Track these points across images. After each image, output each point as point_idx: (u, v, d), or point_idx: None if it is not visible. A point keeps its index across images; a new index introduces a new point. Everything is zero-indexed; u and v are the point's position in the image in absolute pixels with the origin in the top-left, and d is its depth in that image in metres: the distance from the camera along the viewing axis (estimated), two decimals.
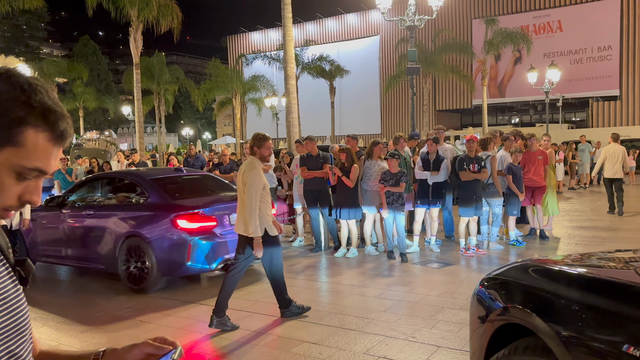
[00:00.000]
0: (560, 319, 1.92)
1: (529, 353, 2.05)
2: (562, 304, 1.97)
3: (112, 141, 21.02)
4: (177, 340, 1.07)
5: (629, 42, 31.93)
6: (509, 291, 2.28)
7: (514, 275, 2.36)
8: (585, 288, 2.00)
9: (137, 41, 19.86)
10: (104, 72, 56.67)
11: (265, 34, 46.96)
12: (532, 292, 2.16)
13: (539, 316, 1.97)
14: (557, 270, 2.25)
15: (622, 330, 1.70)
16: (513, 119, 41.29)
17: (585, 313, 1.85)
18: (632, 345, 1.60)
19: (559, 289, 2.05)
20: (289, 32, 13.40)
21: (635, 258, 2.57)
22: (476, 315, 2.53)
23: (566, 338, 1.83)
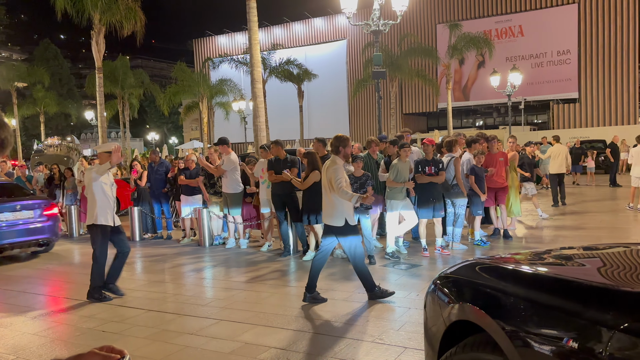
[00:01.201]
0: (506, 314, 1.96)
1: (479, 349, 2.08)
2: (508, 301, 2.02)
3: (75, 147, 20.43)
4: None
5: (586, 46, 33.04)
6: (459, 289, 2.33)
7: (464, 274, 2.41)
8: (528, 284, 2.06)
9: (99, 45, 19.42)
10: (66, 76, 55.29)
11: (232, 37, 46.67)
12: (480, 289, 2.20)
13: (487, 313, 2.02)
14: (504, 268, 2.31)
15: (562, 324, 1.75)
16: (477, 121, 42.13)
17: (529, 308, 1.90)
18: (571, 338, 1.67)
19: (505, 286, 2.10)
20: (255, 35, 13.35)
21: (579, 255, 2.66)
22: (429, 314, 2.58)
23: (512, 333, 1.88)
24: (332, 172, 5.47)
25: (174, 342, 4.55)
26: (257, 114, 13.51)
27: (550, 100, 34.77)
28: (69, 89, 54.28)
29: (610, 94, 32.69)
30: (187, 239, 10.06)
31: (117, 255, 6.43)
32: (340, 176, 5.43)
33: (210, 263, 8.13)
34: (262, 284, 6.61)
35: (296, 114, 34.64)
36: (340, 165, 5.59)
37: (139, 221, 10.57)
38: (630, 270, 2.30)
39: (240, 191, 9.09)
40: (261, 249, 8.77)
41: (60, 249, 10.17)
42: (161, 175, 10.46)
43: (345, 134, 5.94)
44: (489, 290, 2.15)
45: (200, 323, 5.07)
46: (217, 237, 9.64)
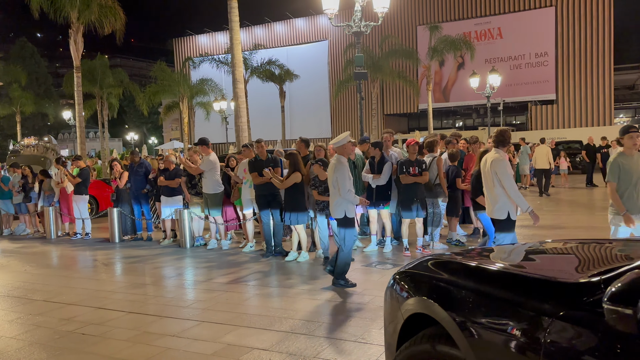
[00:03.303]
0: (457, 306, 2.08)
1: (434, 341, 2.19)
2: (460, 294, 2.14)
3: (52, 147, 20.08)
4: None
5: (563, 48, 33.64)
6: (415, 284, 2.44)
7: (421, 269, 2.52)
8: (477, 278, 2.18)
9: (77, 44, 19.14)
10: (43, 75, 54.31)
11: (213, 37, 46.38)
12: (434, 283, 2.32)
13: (440, 305, 2.14)
14: (456, 263, 2.44)
15: (507, 314, 1.88)
16: (457, 122, 42.61)
17: (478, 300, 2.03)
18: (514, 327, 1.81)
19: (457, 280, 2.22)
20: (237, 35, 13.29)
21: (534, 250, 2.80)
22: (388, 308, 2.68)
23: (462, 324, 2.00)
24: (500, 166, 5.52)
25: (156, 344, 4.51)
26: (238, 114, 13.45)
27: (529, 101, 35.32)
28: (46, 89, 53.32)
29: (587, 95, 33.34)
30: (167, 240, 9.97)
31: None
32: (509, 170, 5.60)
33: (191, 264, 8.08)
34: (244, 285, 6.59)
35: (278, 115, 34.59)
36: (507, 160, 5.74)
37: (119, 222, 10.44)
38: (571, 263, 2.45)
39: (221, 192, 9.05)
40: (243, 250, 8.74)
41: (38, 250, 10.00)
42: (141, 175, 10.34)
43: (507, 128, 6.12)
44: (442, 284, 2.27)
45: (182, 325, 5.04)
46: (199, 238, 9.58)
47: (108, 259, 8.82)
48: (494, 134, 5.81)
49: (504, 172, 5.43)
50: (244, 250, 8.73)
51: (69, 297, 6.32)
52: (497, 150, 5.65)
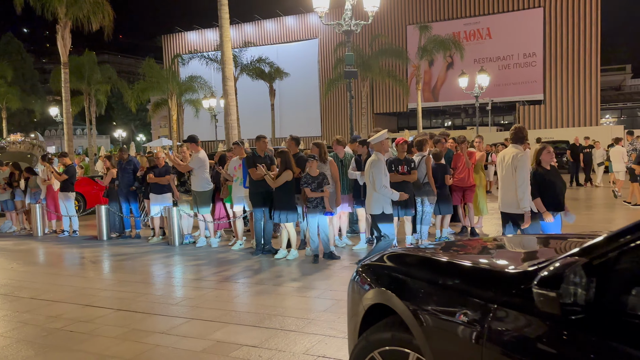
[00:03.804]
0: (412, 296, 2.25)
1: (392, 329, 2.35)
2: (414, 284, 2.31)
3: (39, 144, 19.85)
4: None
5: (551, 49, 33.96)
6: (376, 276, 2.58)
7: (381, 262, 2.67)
8: (430, 269, 2.36)
9: (65, 39, 18.95)
10: (30, 71, 53.64)
11: (202, 33, 46.15)
12: (392, 275, 2.48)
13: (397, 296, 2.30)
14: (412, 256, 2.61)
15: (455, 301, 2.04)
16: (446, 122, 42.87)
17: (430, 290, 2.20)
18: (461, 313, 1.97)
19: (412, 272, 2.39)
20: (226, 32, 13.25)
21: (487, 244, 2.99)
22: (351, 300, 2.82)
23: (416, 312, 2.16)
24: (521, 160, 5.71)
25: (144, 341, 4.51)
26: (228, 111, 13.41)
27: (517, 101, 35.61)
28: (33, 85, 52.67)
29: (574, 96, 33.69)
30: (156, 238, 9.92)
31: None
32: (529, 166, 5.79)
33: (180, 262, 8.05)
34: (233, 282, 6.59)
35: (268, 113, 34.52)
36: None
37: (106, 220, 10.37)
38: (518, 255, 2.62)
39: (210, 189, 9.02)
40: (232, 248, 8.73)
41: (24, 248, 9.91)
42: (129, 173, 10.28)
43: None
44: (399, 276, 2.43)
45: (170, 322, 5.03)
46: (187, 235, 9.55)
47: (96, 257, 8.77)
48: (512, 132, 5.93)
49: (523, 166, 5.59)
50: (233, 248, 8.72)
51: (56, 294, 6.28)
52: (515, 146, 5.80)
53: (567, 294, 1.58)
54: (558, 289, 1.59)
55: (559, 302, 1.59)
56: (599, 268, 1.60)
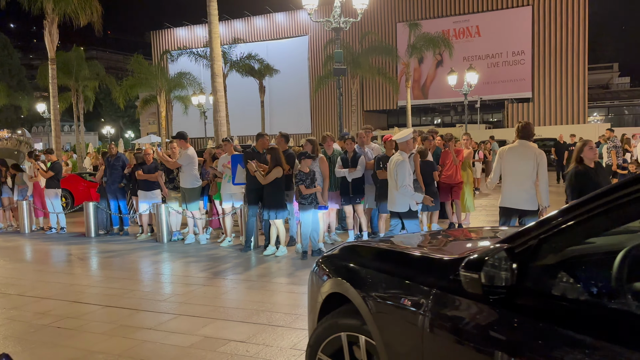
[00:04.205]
0: (363, 284, 2.42)
1: (346, 316, 2.52)
2: (365, 273, 2.48)
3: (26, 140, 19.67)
4: None
5: (539, 47, 34.23)
6: (334, 267, 2.75)
7: (339, 254, 2.84)
8: (378, 259, 2.55)
9: (52, 35, 18.77)
10: (16, 67, 52.96)
11: (192, 30, 45.90)
12: (347, 265, 2.64)
13: (351, 284, 2.48)
14: (365, 247, 2.78)
15: (401, 287, 2.22)
16: (435, 119, 43.03)
17: (378, 278, 2.38)
18: (406, 298, 2.16)
19: (364, 261, 2.58)
20: (215, 29, 13.21)
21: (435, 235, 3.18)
22: (311, 290, 2.99)
23: (366, 298, 2.33)
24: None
25: (132, 337, 4.52)
26: (217, 108, 13.39)
27: (505, 99, 35.86)
28: (20, 81, 52.01)
29: (562, 94, 34.00)
30: (144, 234, 9.90)
31: None
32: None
33: (168, 259, 8.05)
34: (222, 278, 6.61)
35: (257, 109, 34.43)
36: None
37: (94, 217, 10.33)
38: (460, 245, 2.78)
39: (198, 186, 9.02)
40: (221, 245, 8.74)
41: (11, 245, 9.85)
42: (118, 169, 10.23)
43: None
44: (353, 266, 2.61)
45: (158, 318, 5.04)
46: (176, 232, 9.54)
47: (83, 254, 8.74)
48: (520, 129, 5.87)
49: (545, 163, 5.64)
50: (222, 244, 8.74)
51: (43, 291, 6.26)
52: (522, 142, 5.80)
53: (487, 276, 1.75)
54: (479, 271, 1.76)
55: (480, 283, 1.76)
56: (521, 254, 1.76)
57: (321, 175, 7.74)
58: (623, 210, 1.57)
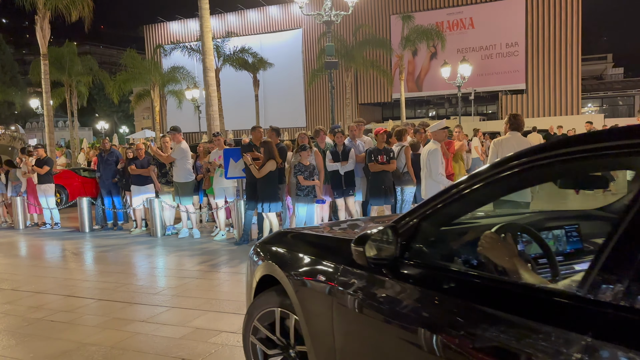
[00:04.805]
0: (289, 265, 2.70)
1: (275, 295, 2.80)
2: (291, 255, 2.76)
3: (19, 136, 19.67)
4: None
5: (533, 39, 34.26)
6: (266, 251, 3.02)
7: (271, 240, 3.13)
8: (301, 242, 2.84)
9: (44, 30, 18.66)
10: (9, 62, 52.73)
11: (185, 24, 45.68)
12: (278, 250, 2.92)
13: (279, 266, 2.75)
14: (293, 233, 3.05)
15: (318, 266, 2.49)
16: (430, 112, 43.05)
17: (302, 260, 2.65)
18: (321, 275, 2.43)
19: (291, 246, 2.85)
20: (207, 23, 13.19)
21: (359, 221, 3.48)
22: (247, 274, 3.28)
23: (290, 277, 2.62)
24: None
25: (125, 330, 4.58)
26: (209, 102, 13.39)
27: (499, 91, 35.90)
28: (12, 76, 51.79)
29: (556, 85, 34.08)
30: (138, 229, 9.95)
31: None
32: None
33: (162, 253, 8.11)
34: (215, 272, 6.67)
35: (252, 103, 34.38)
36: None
37: (88, 212, 10.36)
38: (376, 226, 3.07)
39: (192, 180, 9.06)
40: (215, 238, 8.80)
41: (5, 240, 9.88)
42: (111, 164, 10.26)
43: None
44: (282, 250, 2.88)
45: (151, 311, 5.11)
46: (170, 227, 9.59)
47: (77, 248, 8.79)
48: (511, 120, 5.96)
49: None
50: (216, 238, 8.79)
51: (37, 285, 6.32)
52: (513, 134, 5.90)
53: (370, 249, 2.06)
54: (364, 245, 2.07)
55: (365, 256, 2.07)
56: (405, 232, 2.06)
57: (317, 168, 7.81)
58: (477, 195, 1.94)
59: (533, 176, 1.84)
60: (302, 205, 7.54)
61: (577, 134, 1.74)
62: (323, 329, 2.38)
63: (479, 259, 2.05)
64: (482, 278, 1.83)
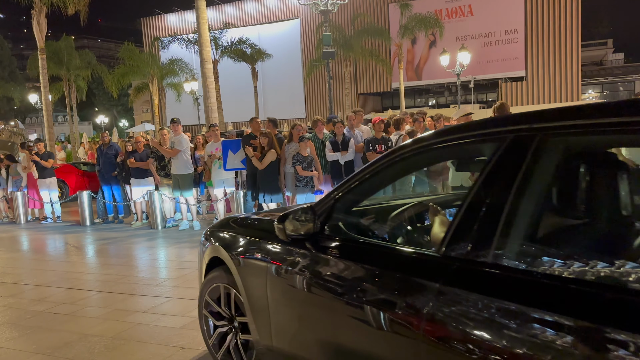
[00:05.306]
0: (232, 246, 2.99)
1: (222, 273, 3.10)
2: (234, 238, 3.04)
3: (19, 132, 19.71)
4: None
5: (532, 25, 34.07)
6: (214, 236, 3.28)
7: (219, 225, 3.38)
8: (245, 226, 3.12)
9: (41, 24, 18.63)
10: (7, 57, 52.63)
11: (182, 15, 45.46)
12: (224, 233, 3.19)
13: (224, 248, 3.04)
14: (238, 218, 3.36)
15: (255, 246, 2.79)
16: (430, 100, 42.93)
17: (243, 241, 2.93)
18: (258, 253, 2.73)
19: (236, 229, 3.12)
20: (203, 14, 13.17)
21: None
22: (199, 257, 3.56)
23: (233, 257, 2.92)
24: None
25: (126, 320, 4.64)
26: (207, 94, 13.41)
27: (499, 78, 35.77)
28: (11, 71, 51.74)
29: (555, 72, 33.95)
30: (138, 222, 10.00)
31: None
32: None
33: (163, 245, 8.16)
34: None
35: (251, 95, 34.33)
36: None
37: (89, 206, 10.41)
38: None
39: (192, 172, 9.09)
40: None
41: (7, 235, 9.94)
42: (110, 158, 10.29)
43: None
44: (228, 233, 3.15)
45: (152, 302, 5.16)
46: (170, 219, 9.63)
47: (79, 242, 8.84)
48: (497, 109, 6.05)
49: None
50: None
51: (39, 279, 6.37)
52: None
53: (289, 226, 2.37)
54: (283, 222, 2.39)
55: (285, 232, 2.40)
56: (323, 211, 2.35)
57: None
58: (378, 179, 2.32)
59: (417, 161, 2.30)
60: (301, 196, 7.57)
61: (453, 125, 2.31)
62: (259, 301, 2.68)
63: (380, 232, 2.51)
64: (380, 246, 2.25)
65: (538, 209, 1.62)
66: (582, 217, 1.73)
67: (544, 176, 1.60)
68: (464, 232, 1.66)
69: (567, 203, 1.72)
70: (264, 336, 2.70)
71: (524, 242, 1.58)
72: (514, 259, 1.54)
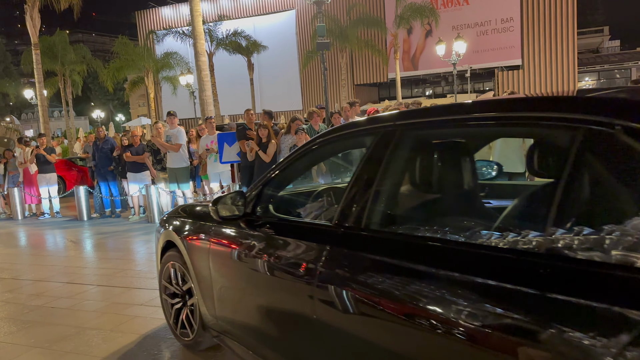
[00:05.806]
0: (182, 230, 3.34)
1: (173, 255, 3.47)
2: (184, 222, 3.38)
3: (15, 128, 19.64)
4: None
5: (528, 13, 33.96)
6: (167, 222, 3.62)
7: (174, 212, 3.72)
8: (193, 212, 3.41)
9: (34, 19, 18.53)
10: (2, 53, 52.37)
11: (177, 8, 45.18)
12: (176, 219, 3.52)
13: (175, 232, 3.39)
14: (190, 205, 3.66)
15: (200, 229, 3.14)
16: (427, 90, 42.87)
17: (191, 225, 3.27)
18: (202, 234, 3.10)
19: (186, 215, 3.45)
20: (197, 7, 13.11)
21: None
22: (155, 243, 3.87)
23: (182, 239, 3.28)
24: None
25: (124, 313, 4.67)
26: (202, 87, 13.38)
27: (495, 67, 35.71)
28: (5, 67, 51.48)
29: (552, 60, 33.88)
30: (136, 216, 10.02)
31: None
32: None
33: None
34: None
35: (247, 87, 34.25)
36: None
37: (86, 201, 10.42)
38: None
39: (188, 165, 9.10)
40: None
41: (4, 231, 9.95)
42: (107, 152, 10.29)
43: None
44: (179, 219, 3.48)
45: (149, 294, 5.19)
46: (167, 212, 9.64)
47: (76, 237, 8.86)
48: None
49: None
50: None
51: (37, 274, 6.40)
52: None
53: (222, 209, 2.73)
54: (216, 205, 2.74)
55: (218, 213, 2.74)
56: (252, 196, 2.73)
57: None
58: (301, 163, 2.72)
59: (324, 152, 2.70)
60: None
61: (349, 122, 2.83)
62: (204, 277, 3.04)
63: (296, 211, 3.01)
64: (295, 222, 2.65)
65: (397, 186, 2.12)
66: (431, 191, 2.20)
67: (402, 161, 2.09)
68: (348, 206, 2.09)
69: (420, 180, 2.14)
70: (209, 306, 3.07)
71: (388, 211, 2.06)
72: (379, 224, 2.02)
